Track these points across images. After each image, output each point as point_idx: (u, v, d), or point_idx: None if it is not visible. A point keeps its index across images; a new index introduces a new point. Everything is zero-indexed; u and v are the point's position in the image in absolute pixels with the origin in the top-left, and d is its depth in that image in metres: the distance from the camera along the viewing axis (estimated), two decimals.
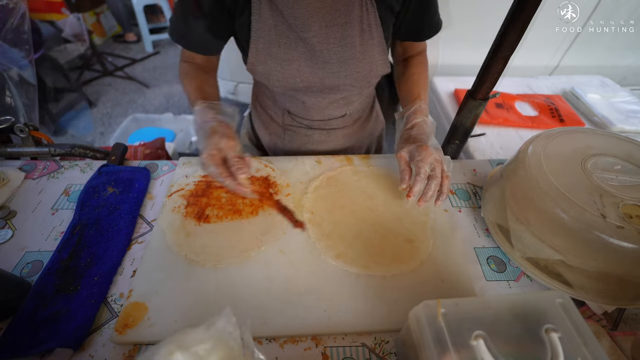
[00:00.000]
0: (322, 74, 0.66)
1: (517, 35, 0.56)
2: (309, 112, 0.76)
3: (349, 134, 0.83)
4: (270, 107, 0.81)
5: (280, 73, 0.65)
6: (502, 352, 0.35)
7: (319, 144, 0.83)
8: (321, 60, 0.64)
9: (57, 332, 0.47)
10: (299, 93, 0.71)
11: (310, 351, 0.48)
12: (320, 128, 0.79)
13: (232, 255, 0.56)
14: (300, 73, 0.65)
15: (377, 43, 0.64)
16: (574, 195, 0.50)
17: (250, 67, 0.66)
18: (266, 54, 0.63)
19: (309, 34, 0.61)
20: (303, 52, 0.63)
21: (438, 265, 0.57)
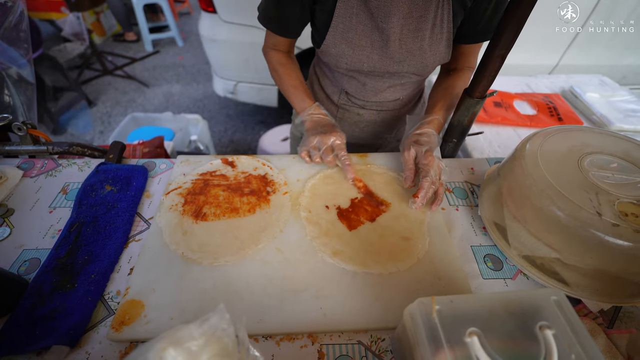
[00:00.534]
0: (388, 62, 0.70)
1: (514, 34, 0.56)
2: (366, 94, 0.80)
3: (397, 117, 0.88)
4: (328, 86, 0.86)
5: (350, 57, 0.69)
6: (496, 349, 0.35)
7: (368, 124, 0.88)
8: (391, 49, 0.67)
9: (54, 329, 0.47)
10: (361, 75, 0.75)
11: (307, 349, 0.48)
12: (372, 109, 0.85)
13: (229, 253, 0.56)
14: (369, 59, 0.69)
15: (445, 37, 0.67)
16: (570, 193, 0.50)
17: (324, 48, 0.70)
18: (342, 38, 0.67)
19: (388, 25, 0.64)
20: (377, 40, 0.67)
21: (435, 264, 0.57)
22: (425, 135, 0.68)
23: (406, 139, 0.70)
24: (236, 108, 2.71)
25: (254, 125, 2.55)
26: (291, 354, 0.47)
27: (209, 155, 0.77)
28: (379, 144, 0.96)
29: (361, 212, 0.64)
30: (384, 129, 0.90)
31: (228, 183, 0.68)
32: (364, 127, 0.89)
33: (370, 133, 0.90)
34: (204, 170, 0.71)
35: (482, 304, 0.38)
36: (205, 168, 0.71)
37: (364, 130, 0.90)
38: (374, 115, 0.86)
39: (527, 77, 1.36)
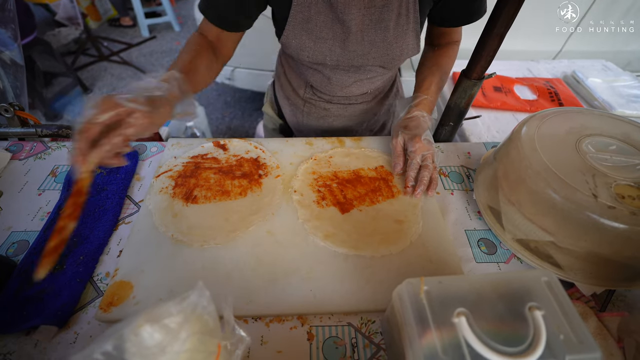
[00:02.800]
0: (352, 55, 0.66)
1: (514, 11, 0.54)
2: (332, 88, 0.76)
3: (367, 110, 0.84)
4: (294, 80, 0.82)
5: (312, 49, 0.65)
6: (484, 330, 0.34)
7: (336, 118, 0.84)
8: (354, 41, 0.64)
9: (42, 310, 0.47)
10: (326, 69, 0.71)
11: (296, 330, 0.48)
12: (340, 103, 0.81)
13: (219, 236, 0.56)
14: (331, 52, 0.65)
15: (411, 28, 0.64)
16: (566, 175, 0.49)
17: (284, 39, 0.66)
18: (302, 29, 0.63)
19: (348, 16, 0.60)
20: (338, 32, 0.63)
21: (427, 247, 0.56)
22: (414, 119, 0.66)
23: (395, 125, 0.68)
24: (234, 95, 2.67)
25: (252, 112, 2.53)
26: (280, 335, 0.47)
27: (201, 138, 0.75)
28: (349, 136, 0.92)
29: (354, 194, 0.63)
30: (352, 122, 0.86)
31: (219, 166, 0.67)
32: (332, 121, 0.85)
33: (338, 127, 0.86)
34: (195, 153, 0.69)
35: (472, 285, 0.38)
36: (196, 151, 0.70)
37: (332, 125, 0.85)
38: (341, 110, 0.82)
39: (529, 62, 1.33)
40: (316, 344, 0.46)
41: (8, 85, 0.99)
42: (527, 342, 0.33)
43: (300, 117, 0.86)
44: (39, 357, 0.44)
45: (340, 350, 0.46)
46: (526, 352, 0.32)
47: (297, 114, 0.86)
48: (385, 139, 0.75)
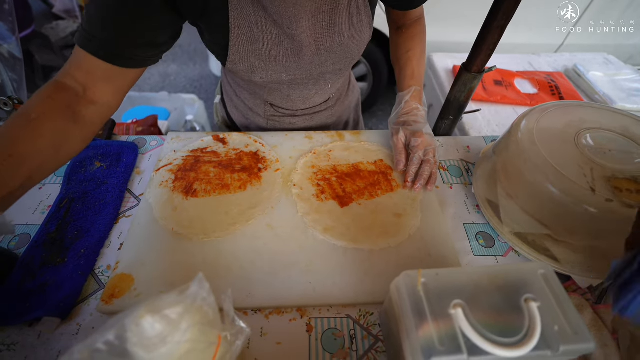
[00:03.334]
0: (309, 67, 0.61)
1: (513, 4, 0.54)
2: (294, 103, 0.72)
3: (332, 114, 0.81)
4: (249, 100, 0.75)
5: (264, 70, 0.59)
6: (481, 322, 0.35)
7: (302, 129, 0.80)
8: (309, 53, 0.59)
9: (45, 302, 0.47)
10: (283, 86, 0.67)
11: (295, 322, 0.48)
12: (305, 114, 0.77)
13: (219, 229, 0.56)
14: (286, 68, 0.60)
15: (365, 24, 0.61)
16: (565, 168, 0.49)
17: (231, 65, 0.58)
18: (248, 51, 0.57)
19: (297, 31, 0.55)
20: (289, 48, 0.58)
21: (426, 240, 0.56)
22: (412, 114, 0.65)
23: (393, 122, 0.67)
24: None
25: None
26: (280, 327, 0.48)
27: (200, 132, 0.75)
28: None
29: (353, 188, 0.63)
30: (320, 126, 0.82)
31: (219, 160, 0.67)
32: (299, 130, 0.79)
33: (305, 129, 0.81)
34: (195, 147, 0.69)
35: (469, 277, 0.38)
36: (196, 145, 0.70)
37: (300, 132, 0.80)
38: (307, 121, 0.78)
39: (530, 55, 1.32)
40: (315, 335, 0.47)
41: (7, 79, 0.98)
42: (522, 333, 0.33)
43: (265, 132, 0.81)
44: (42, 348, 0.45)
45: (339, 341, 0.47)
46: (521, 343, 0.32)
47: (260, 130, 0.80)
48: (385, 133, 0.75)
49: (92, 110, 0.49)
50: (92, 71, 0.48)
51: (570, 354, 0.33)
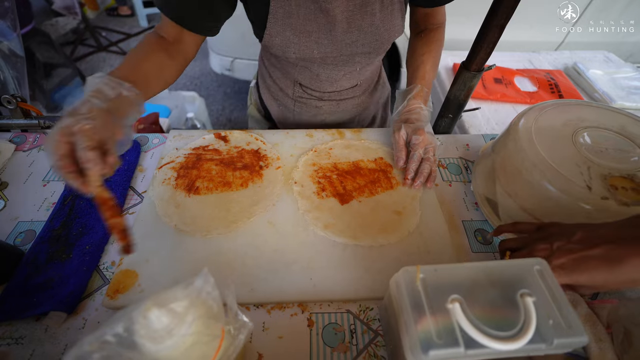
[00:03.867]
0: (340, 45, 0.64)
1: (513, 3, 0.54)
2: (321, 84, 0.75)
3: (358, 104, 0.83)
4: (280, 79, 0.79)
5: (297, 45, 0.63)
6: (477, 316, 0.36)
7: (329, 115, 0.83)
8: (340, 30, 0.62)
9: (51, 296, 0.48)
10: (313, 65, 0.70)
11: (297, 317, 0.49)
12: (331, 99, 0.79)
13: (221, 226, 0.57)
14: (318, 45, 0.64)
15: (397, 8, 0.63)
16: (562, 167, 0.49)
17: (267, 39, 0.63)
18: (284, 24, 0.61)
19: (332, 5, 0.59)
20: (323, 23, 0.61)
21: (425, 237, 0.57)
22: (414, 112, 0.66)
23: (395, 118, 0.68)
24: (234, 86, 2.66)
25: None
26: (281, 322, 0.49)
27: (202, 130, 0.76)
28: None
29: (354, 185, 0.64)
30: (345, 118, 0.85)
31: (221, 157, 0.68)
32: (324, 119, 0.83)
33: (331, 123, 0.85)
34: (197, 145, 0.70)
35: (466, 273, 0.39)
36: (197, 142, 0.71)
37: (325, 122, 0.85)
38: (333, 106, 0.80)
39: (530, 53, 1.33)
40: (316, 330, 0.48)
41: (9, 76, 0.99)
42: (518, 327, 0.34)
43: (291, 117, 0.84)
44: (49, 342, 0.46)
45: (339, 336, 0.48)
46: (517, 336, 0.33)
47: (287, 114, 0.84)
48: (385, 131, 0.76)
49: (179, 53, 0.63)
50: (170, 29, 0.61)
51: (564, 347, 0.34)
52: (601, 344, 0.44)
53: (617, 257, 0.36)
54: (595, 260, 0.37)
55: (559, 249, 0.39)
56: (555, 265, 0.39)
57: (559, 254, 0.39)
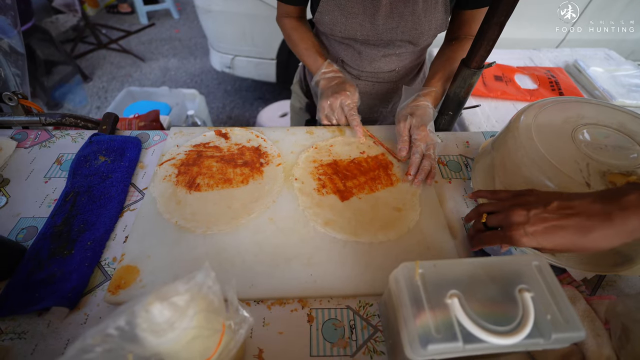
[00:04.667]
0: (381, 29, 0.69)
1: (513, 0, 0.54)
2: (361, 62, 0.81)
3: (393, 89, 0.87)
4: (326, 55, 0.84)
5: (344, 24, 0.70)
6: (476, 311, 0.36)
7: (363, 95, 0.86)
8: (383, 14, 0.67)
9: (53, 292, 0.49)
10: (357, 43, 0.76)
11: (297, 312, 0.50)
12: (368, 80, 0.84)
13: (222, 223, 0.57)
14: (361, 27, 0.70)
15: (440, 3, 0.65)
16: (561, 163, 0.50)
17: (318, 16, 0.71)
18: (335, 5, 0.68)
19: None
20: (369, 7, 0.67)
21: (424, 234, 0.58)
22: (421, 108, 0.67)
23: (401, 110, 0.69)
24: (234, 83, 2.66)
25: (253, 101, 2.52)
26: (282, 317, 0.49)
27: (203, 127, 0.76)
28: (375, 117, 0.94)
29: (354, 182, 0.64)
30: (379, 101, 0.89)
31: (221, 154, 0.68)
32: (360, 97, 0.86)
33: (366, 105, 0.89)
34: (198, 142, 0.70)
35: (465, 268, 0.39)
36: (198, 139, 0.71)
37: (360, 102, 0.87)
38: (369, 87, 0.86)
39: (531, 51, 1.32)
40: (316, 325, 0.48)
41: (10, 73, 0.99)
42: (516, 321, 0.35)
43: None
44: (51, 337, 0.46)
45: (339, 331, 0.48)
46: (515, 331, 0.34)
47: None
48: (385, 128, 0.76)
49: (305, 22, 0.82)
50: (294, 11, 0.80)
51: (562, 342, 0.34)
52: (599, 340, 0.44)
53: (585, 229, 0.38)
54: (566, 231, 0.39)
55: (534, 216, 0.41)
56: (529, 232, 0.41)
57: (534, 221, 0.40)
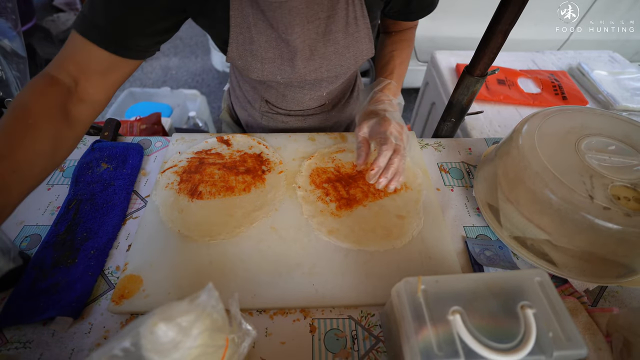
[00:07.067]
0: (303, 71, 0.62)
1: (518, 8, 0.54)
2: (288, 104, 0.74)
3: (326, 118, 0.81)
4: (249, 92, 0.78)
5: (260, 70, 0.61)
6: (478, 327, 0.36)
7: (296, 129, 0.81)
8: (303, 58, 0.60)
9: (57, 301, 0.49)
10: (279, 86, 0.69)
11: (299, 322, 0.50)
12: (297, 115, 0.78)
13: (224, 231, 0.58)
14: (281, 71, 0.61)
15: (363, 35, 0.60)
16: (564, 176, 0.49)
17: (231, 60, 0.61)
18: (246, 50, 0.59)
19: (292, 36, 0.56)
20: (285, 51, 0.59)
21: (426, 243, 0.58)
22: (381, 103, 0.61)
23: (360, 112, 0.63)
24: None
25: None
26: (284, 328, 0.49)
27: (204, 134, 0.76)
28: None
29: (357, 190, 0.64)
30: (314, 128, 0.82)
31: (223, 162, 0.68)
32: (292, 131, 0.81)
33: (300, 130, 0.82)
34: (199, 149, 0.70)
35: (467, 284, 0.39)
36: (200, 146, 0.71)
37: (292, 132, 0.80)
38: (300, 122, 0.79)
39: (534, 53, 1.31)
40: (318, 335, 0.49)
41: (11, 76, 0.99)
42: (518, 338, 0.35)
43: (258, 128, 0.85)
44: (56, 346, 0.47)
45: (341, 341, 0.48)
46: (516, 349, 0.34)
47: (255, 125, 0.84)
48: None
49: (83, 109, 0.49)
50: (88, 62, 0.48)
51: (564, 359, 0.35)
52: (600, 353, 0.44)
53: None
54: None
55: None
56: None
57: None
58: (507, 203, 0.56)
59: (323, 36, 0.58)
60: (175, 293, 0.51)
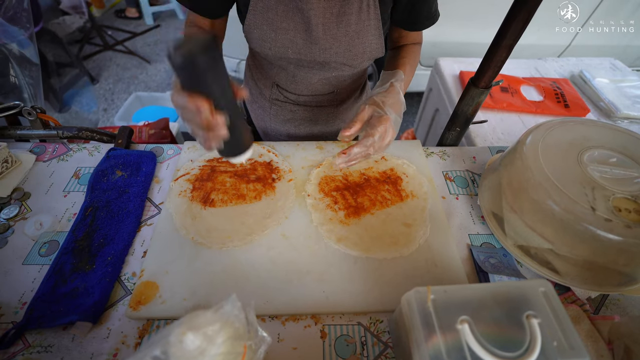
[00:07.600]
0: (314, 49, 0.65)
1: (522, 24, 0.56)
2: (297, 86, 0.77)
3: (335, 114, 0.84)
4: (260, 79, 0.82)
5: (274, 40, 0.65)
6: (485, 335, 0.38)
7: (303, 122, 0.84)
8: (315, 34, 0.63)
9: (77, 306, 0.51)
10: (290, 65, 0.71)
11: (310, 328, 0.52)
12: (306, 104, 0.81)
13: (237, 239, 0.59)
14: (293, 44, 0.65)
15: (373, 25, 0.64)
16: (567, 187, 0.51)
17: (247, 29, 0.65)
18: (263, 18, 0.63)
19: (307, 5, 0.60)
20: (299, 22, 0.63)
21: (433, 250, 0.59)
22: (393, 96, 0.61)
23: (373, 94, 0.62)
24: None
25: None
26: (296, 333, 0.51)
27: None
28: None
29: (365, 198, 0.66)
30: (320, 128, 0.85)
31: (234, 170, 0.70)
32: (299, 124, 0.84)
33: (305, 131, 0.86)
34: (211, 157, 0.72)
35: (474, 293, 0.41)
36: (211, 154, 0.73)
37: (300, 128, 0.86)
38: (308, 112, 0.82)
39: (536, 60, 1.33)
40: (329, 341, 0.50)
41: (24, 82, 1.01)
42: (523, 347, 0.37)
43: (268, 121, 0.87)
44: (76, 350, 0.48)
45: (351, 347, 0.50)
46: (522, 357, 0.35)
47: (265, 117, 0.87)
48: (395, 143, 0.77)
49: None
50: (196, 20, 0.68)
51: None
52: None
53: None
54: None
55: None
56: None
57: None
58: (511, 212, 0.58)
59: (337, 17, 0.62)
60: (191, 299, 0.52)
